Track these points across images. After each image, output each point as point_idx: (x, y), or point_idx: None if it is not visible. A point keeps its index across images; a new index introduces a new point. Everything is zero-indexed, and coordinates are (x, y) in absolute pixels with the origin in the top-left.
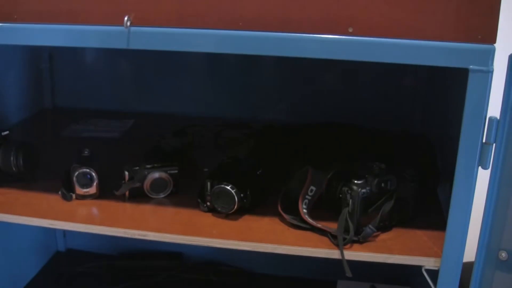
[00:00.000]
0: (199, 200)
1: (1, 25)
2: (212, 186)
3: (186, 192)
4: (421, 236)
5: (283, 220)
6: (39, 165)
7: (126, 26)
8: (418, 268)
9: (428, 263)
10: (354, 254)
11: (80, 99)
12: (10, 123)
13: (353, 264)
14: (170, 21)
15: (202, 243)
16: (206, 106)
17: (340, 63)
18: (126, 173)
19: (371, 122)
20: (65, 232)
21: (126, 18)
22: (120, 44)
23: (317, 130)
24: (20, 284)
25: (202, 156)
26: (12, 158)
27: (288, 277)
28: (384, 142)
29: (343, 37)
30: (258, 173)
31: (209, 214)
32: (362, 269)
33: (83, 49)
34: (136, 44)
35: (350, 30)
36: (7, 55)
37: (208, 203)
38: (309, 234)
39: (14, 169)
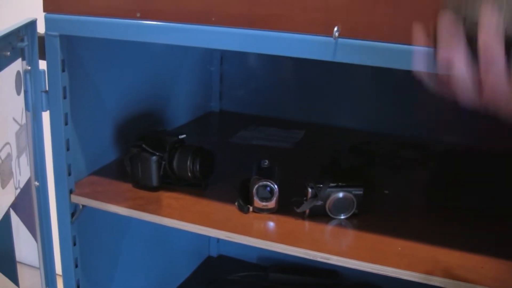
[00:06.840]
0: None
1: (199, 27)
2: None
3: (367, 214)
4: None
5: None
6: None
7: (335, 37)
8: None
9: None
10: None
11: (245, 104)
12: (178, 124)
13: None
14: (381, 35)
15: (389, 273)
16: (376, 123)
17: None
18: (310, 189)
19: None
20: (218, 238)
21: (335, 29)
22: (326, 56)
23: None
24: (172, 285)
25: (378, 175)
26: (188, 163)
27: None
28: None
29: None
30: None
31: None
32: None
33: (253, 54)
34: (344, 57)
35: None
36: (181, 54)
37: None
38: (506, 275)
39: (189, 174)
